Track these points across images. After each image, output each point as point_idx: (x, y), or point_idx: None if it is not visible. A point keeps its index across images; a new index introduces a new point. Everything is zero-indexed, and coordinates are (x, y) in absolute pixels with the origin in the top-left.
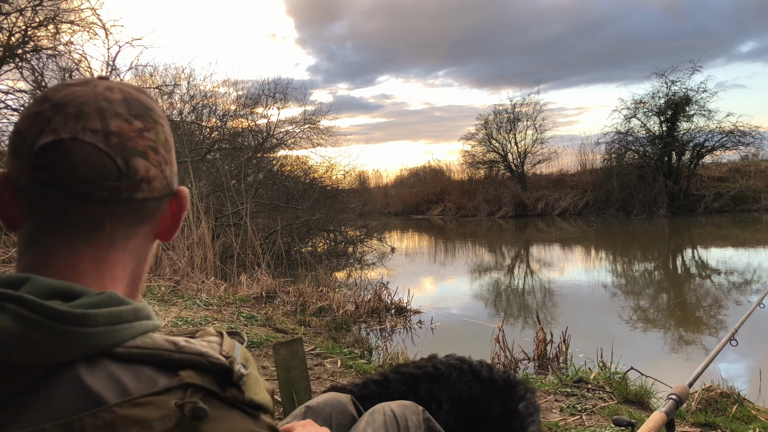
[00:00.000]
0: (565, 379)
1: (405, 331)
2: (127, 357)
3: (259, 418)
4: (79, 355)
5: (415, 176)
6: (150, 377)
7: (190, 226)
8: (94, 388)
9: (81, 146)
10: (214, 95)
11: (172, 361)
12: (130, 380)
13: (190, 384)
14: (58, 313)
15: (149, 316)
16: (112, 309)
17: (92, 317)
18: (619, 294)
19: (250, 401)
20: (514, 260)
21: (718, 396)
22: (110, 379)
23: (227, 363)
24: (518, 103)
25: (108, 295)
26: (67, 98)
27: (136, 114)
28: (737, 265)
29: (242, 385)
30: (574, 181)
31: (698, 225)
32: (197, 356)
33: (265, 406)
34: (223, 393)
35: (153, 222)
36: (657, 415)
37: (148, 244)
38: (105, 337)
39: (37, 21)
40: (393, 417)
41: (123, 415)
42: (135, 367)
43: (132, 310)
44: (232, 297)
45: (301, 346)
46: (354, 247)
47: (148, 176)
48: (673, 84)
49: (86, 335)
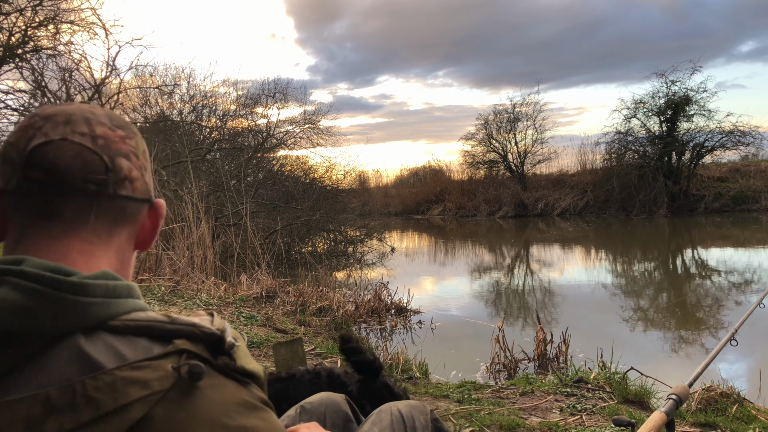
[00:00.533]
0: (565, 379)
1: (405, 331)
2: (123, 329)
3: (250, 386)
4: (77, 326)
5: (415, 176)
6: (146, 347)
7: (190, 226)
8: (94, 356)
9: (70, 145)
10: (214, 95)
11: (166, 332)
12: (127, 349)
13: (184, 350)
14: (58, 282)
15: (139, 296)
16: (108, 282)
17: (90, 287)
18: (619, 294)
19: (241, 369)
20: (514, 260)
21: (718, 396)
22: (108, 348)
23: (219, 333)
24: (518, 103)
25: (103, 272)
26: (56, 111)
27: (118, 125)
28: (737, 265)
29: (233, 353)
30: (574, 181)
31: (698, 225)
32: (190, 327)
33: (257, 374)
34: (215, 361)
35: (134, 225)
36: (657, 415)
37: (130, 249)
38: (102, 308)
39: (37, 21)
40: (400, 417)
41: (122, 377)
42: (131, 338)
43: (126, 287)
44: (232, 297)
45: (301, 346)
46: (354, 247)
47: (131, 176)
48: (673, 84)
49: (85, 305)
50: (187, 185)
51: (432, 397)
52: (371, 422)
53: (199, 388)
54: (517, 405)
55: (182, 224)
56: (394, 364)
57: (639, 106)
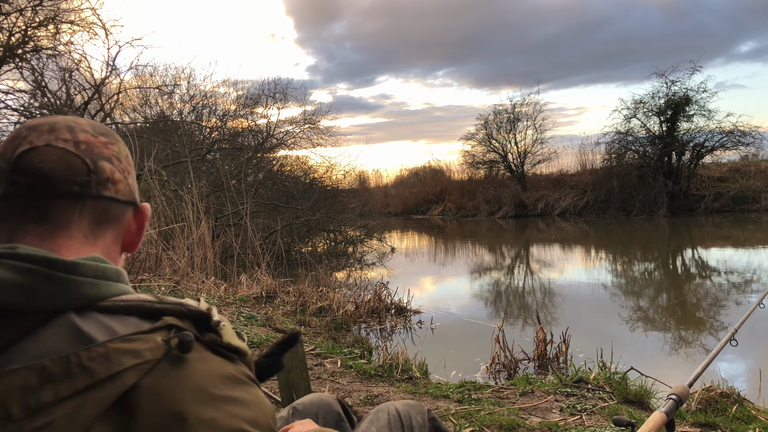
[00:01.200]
0: (565, 379)
1: (405, 331)
2: (114, 309)
3: (236, 361)
4: (70, 305)
5: (415, 176)
6: (136, 323)
7: (190, 226)
8: (87, 331)
9: (54, 150)
10: (214, 95)
11: (155, 310)
12: (118, 325)
13: (173, 325)
14: (51, 261)
15: (128, 284)
16: (98, 264)
17: (81, 266)
18: (619, 294)
19: (228, 344)
20: (514, 260)
21: (718, 396)
22: (100, 324)
23: (205, 310)
24: (518, 103)
25: (93, 256)
26: (41, 121)
27: (101, 132)
28: (737, 265)
29: (220, 330)
30: (574, 181)
31: (698, 225)
32: (177, 305)
33: (243, 350)
34: (202, 336)
35: (119, 227)
36: (657, 415)
37: (117, 250)
38: (92, 288)
39: (37, 21)
40: (397, 416)
41: (115, 348)
42: (121, 317)
43: (115, 270)
44: (232, 297)
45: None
46: (354, 247)
47: (113, 177)
48: (673, 84)
49: (76, 283)
50: (187, 185)
51: (432, 397)
52: (368, 421)
53: (187, 360)
54: (517, 405)
55: (182, 224)
56: (394, 364)
57: (639, 106)
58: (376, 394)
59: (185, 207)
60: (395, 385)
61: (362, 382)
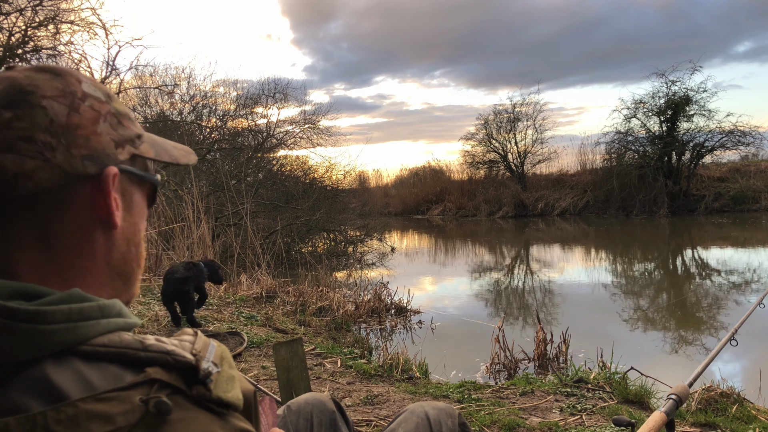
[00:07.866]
0: (565, 379)
1: (405, 331)
2: (94, 355)
3: (226, 417)
4: (42, 353)
5: (415, 176)
6: (116, 374)
7: (190, 226)
8: (59, 384)
9: None
10: (213, 95)
11: (138, 359)
12: (97, 377)
13: (156, 380)
14: (12, 311)
15: (121, 313)
16: (72, 306)
17: (48, 314)
18: (619, 294)
19: (217, 399)
20: (514, 260)
21: (718, 396)
22: (76, 376)
23: (194, 361)
24: (518, 103)
25: (70, 293)
26: None
27: (4, 104)
28: (737, 265)
29: (209, 383)
30: (574, 181)
31: (698, 225)
32: (163, 354)
33: (235, 404)
34: (189, 390)
35: (77, 213)
36: (657, 415)
37: (94, 239)
38: (66, 333)
39: (37, 21)
40: (427, 421)
41: (85, 410)
42: (102, 365)
43: (96, 307)
44: (232, 297)
45: (301, 346)
46: (354, 247)
47: (22, 171)
48: (673, 84)
49: (44, 332)
50: (187, 185)
51: (432, 397)
52: (397, 422)
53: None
54: (517, 405)
55: (182, 224)
56: (394, 364)
57: (639, 106)
58: (376, 394)
59: (185, 207)
60: (395, 385)
61: (362, 382)
